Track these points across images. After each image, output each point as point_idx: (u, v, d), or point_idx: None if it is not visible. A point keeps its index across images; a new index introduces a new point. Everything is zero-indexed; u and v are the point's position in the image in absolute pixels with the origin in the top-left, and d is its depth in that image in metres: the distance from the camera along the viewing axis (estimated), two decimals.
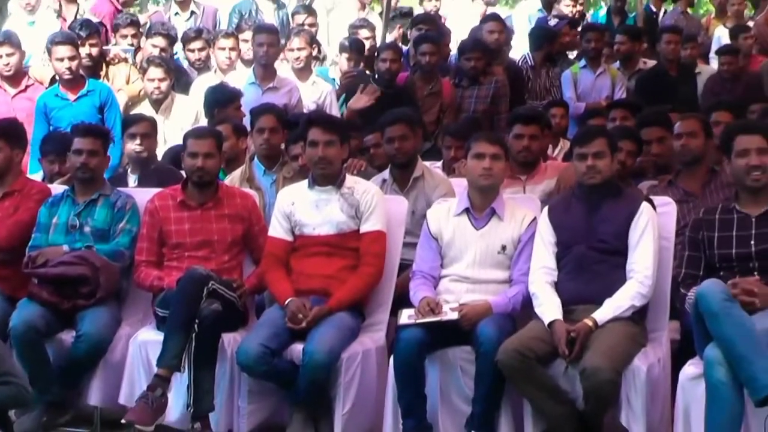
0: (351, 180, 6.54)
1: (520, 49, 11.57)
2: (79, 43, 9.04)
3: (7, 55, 8.90)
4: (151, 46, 10.01)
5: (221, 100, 8.50)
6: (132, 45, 10.16)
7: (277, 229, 6.49)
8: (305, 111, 8.96)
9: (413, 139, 7.33)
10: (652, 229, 5.81)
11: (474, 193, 6.22)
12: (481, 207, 6.18)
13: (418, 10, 12.63)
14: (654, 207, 5.98)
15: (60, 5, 10.89)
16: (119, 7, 11.42)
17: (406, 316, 5.97)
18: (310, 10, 11.59)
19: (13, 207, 6.94)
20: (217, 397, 6.16)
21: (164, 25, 10.60)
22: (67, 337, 6.50)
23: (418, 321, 5.88)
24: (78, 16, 10.69)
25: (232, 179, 7.46)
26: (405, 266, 6.52)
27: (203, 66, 10.00)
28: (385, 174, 7.27)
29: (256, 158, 7.68)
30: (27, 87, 9.12)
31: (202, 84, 9.27)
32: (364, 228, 6.38)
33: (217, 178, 6.90)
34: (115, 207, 6.83)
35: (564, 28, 11.41)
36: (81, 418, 6.60)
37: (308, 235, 6.41)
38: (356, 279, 6.33)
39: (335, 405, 6.06)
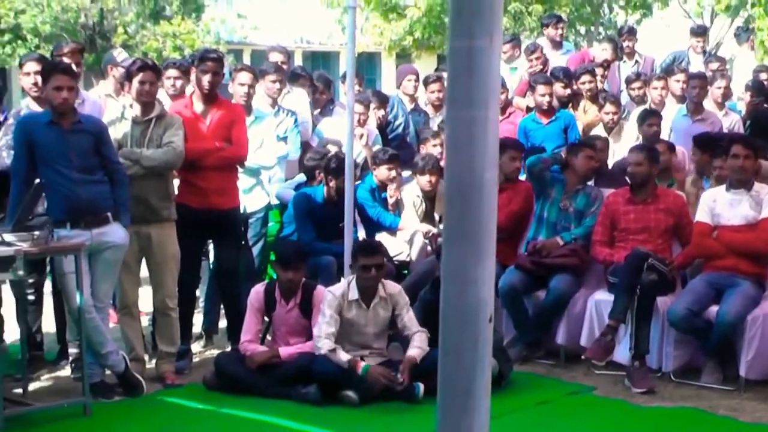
0: (758, 186, 7.02)
1: None
2: (552, 82, 9.84)
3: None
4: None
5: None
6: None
7: (704, 216, 7.04)
8: None
9: None
10: None
11: None
12: None
13: None
14: None
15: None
16: (591, 59, 11.57)
17: None
18: (719, 59, 11.88)
19: (508, 199, 7.87)
20: (650, 343, 6.77)
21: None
22: (542, 294, 7.38)
23: None
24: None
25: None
26: None
27: (641, 101, 10.39)
28: None
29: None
30: (509, 114, 9.95)
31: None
32: (763, 215, 6.88)
33: (653, 181, 7.47)
34: (590, 197, 7.69)
35: None
36: (550, 353, 7.42)
37: (723, 225, 6.97)
38: (755, 239, 6.87)
39: (740, 354, 6.60)
